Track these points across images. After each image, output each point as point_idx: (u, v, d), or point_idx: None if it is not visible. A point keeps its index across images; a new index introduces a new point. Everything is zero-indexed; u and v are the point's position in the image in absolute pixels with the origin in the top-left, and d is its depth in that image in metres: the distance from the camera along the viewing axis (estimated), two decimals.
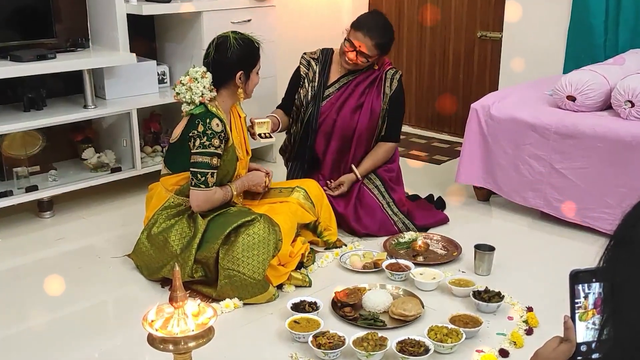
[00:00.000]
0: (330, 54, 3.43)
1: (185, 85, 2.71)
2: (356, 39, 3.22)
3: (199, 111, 2.71)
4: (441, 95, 5.11)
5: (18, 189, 3.40)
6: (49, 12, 3.56)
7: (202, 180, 2.69)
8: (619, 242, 1.09)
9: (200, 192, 2.70)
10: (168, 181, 2.81)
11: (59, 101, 3.72)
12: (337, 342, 2.27)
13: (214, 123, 2.68)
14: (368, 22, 3.26)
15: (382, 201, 3.32)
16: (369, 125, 3.32)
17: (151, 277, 2.82)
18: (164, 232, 2.72)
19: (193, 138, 2.68)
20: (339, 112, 3.32)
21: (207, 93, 2.71)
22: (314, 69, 3.40)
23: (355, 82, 3.34)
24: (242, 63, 2.79)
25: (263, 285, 2.60)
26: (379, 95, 3.33)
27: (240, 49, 2.77)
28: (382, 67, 3.36)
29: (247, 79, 2.82)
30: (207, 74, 2.74)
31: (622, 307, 1.06)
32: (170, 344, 1.73)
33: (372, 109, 3.32)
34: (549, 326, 2.33)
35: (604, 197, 3.17)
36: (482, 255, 2.86)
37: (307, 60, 3.43)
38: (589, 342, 1.29)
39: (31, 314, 2.62)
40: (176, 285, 1.75)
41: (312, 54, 3.44)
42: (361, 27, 3.23)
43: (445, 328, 2.34)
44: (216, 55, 2.78)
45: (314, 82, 3.37)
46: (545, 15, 4.30)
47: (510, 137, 3.45)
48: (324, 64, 3.40)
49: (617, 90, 3.20)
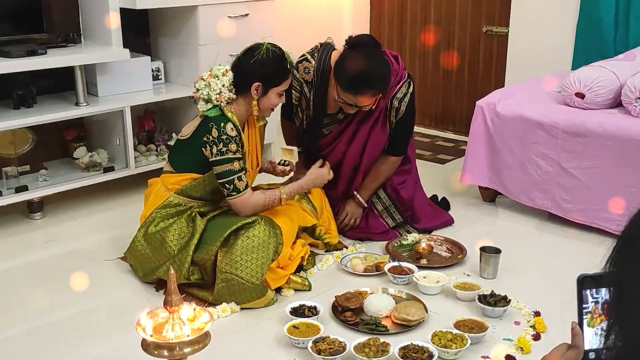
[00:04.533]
0: (327, 73, 3.00)
1: (205, 81, 2.66)
2: (347, 99, 2.87)
3: (213, 114, 2.64)
4: (445, 92, 5.09)
5: (7, 189, 3.38)
6: (40, 6, 3.54)
7: (232, 189, 2.64)
8: (626, 244, 1.04)
9: (236, 201, 2.67)
10: (169, 179, 2.76)
11: (50, 98, 3.69)
12: (337, 347, 2.26)
13: (228, 127, 2.61)
14: (354, 76, 2.81)
15: (392, 223, 3.25)
16: (375, 156, 3.15)
17: (146, 279, 2.79)
18: (161, 232, 2.68)
19: (208, 145, 2.61)
20: (342, 151, 3.11)
21: (225, 92, 2.65)
22: (306, 96, 3.05)
23: (359, 118, 3.05)
24: (263, 75, 2.69)
25: (261, 289, 2.58)
26: (384, 126, 3.07)
27: (268, 61, 2.69)
28: (388, 94, 3.02)
29: (264, 94, 2.72)
30: (229, 72, 2.69)
31: (629, 311, 1.01)
32: (164, 350, 1.72)
33: (378, 142, 3.09)
34: (557, 331, 2.32)
35: (614, 198, 3.14)
36: (487, 257, 2.84)
37: (298, 82, 3.04)
38: (598, 349, 1.26)
39: (20, 319, 2.59)
40: (171, 289, 1.73)
41: (305, 73, 3.02)
42: (349, 88, 2.84)
43: (449, 333, 2.32)
44: (243, 58, 2.73)
45: (309, 111, 3.08)
46: (553, 10, 4.29)
47: (516, 136, 3.43)
48: (319, 89, 3.02)
49: (627, 87, 3.20)
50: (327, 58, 3.02)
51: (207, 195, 2.74)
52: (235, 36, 3.82)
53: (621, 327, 1.03)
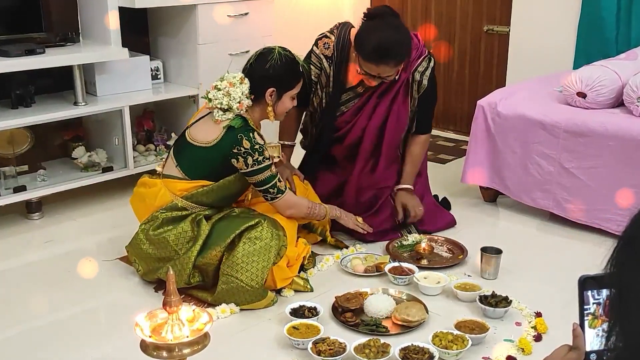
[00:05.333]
0: (347, 48, 2.99)
1: (222, 90, 2.62)
2: (370, 70, 2.86)
3: (239, 124, 2.62)
4: (446, 92, 5.08)
5: (5, 189, 3.37)
6: (38, 5, 3.52)
7: (276, 191, 2.70)
8: (627, 244, 1.06)
9: (281, 202, 2.73)
10: (177, 185, 2.69)
11: (48, 98, 3.68)
12: (337, 349, 2.24)
13: (256, 136, 2.63)
14: (375, 45, 2.80)
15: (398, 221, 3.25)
16: (397, 135, 3.11)
17: (146, 277, 2.77)
18: (164, 234, 2.63)
19: (241, 156, 2.60)
20: (362, 127, 3.08)
21: (245, 100, 2.64)
22: (326, 71, 3.02)
23: (379, 91, 3.03)
24: (278, 80, 2.70)
25: (261, 293, 2.58)
26: (405, 99, 3.05)
27: (282, 66, 2.69)
28: (409, 67, 3.03)
29: (278, 99, 2.73)
30: (246, 80, 2.67)
31: (630, 311, 1.03)
32: (163, 351, 1.72)
33: (399, 116, 3.07)
34: (559, 332, 2.31)
35: (616, 198, 3.13)
36: (488, 258, 2.83)
37: (318, 58, 3.03)
38: (599, 350, 1.26)
39: (18, 320, 2.57)
40: (170, 290, 1.72)
41: (325, 49, 3.02)
42: (370, 58, 2.83)
43: (450, 334, 2.32)
44: (255, 64, 2.72)
45: (328, 88, 3.04)
46: (554, 9, 4.29)
47: (518, 136, 3.42)
48: (339, 64, 3.00)
49: (629, 86, 3.18)
50: (347, 33, 3.03)
51: (216, 202, 2.72)
52: (234, 35, 3.81)
53: (622, 327, 1.04)
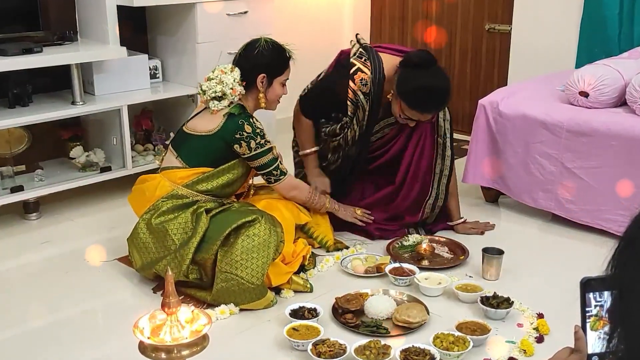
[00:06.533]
0: (382, 82, 3.00)
1: (215, 79, 2.74)
2: (413, 116, 2.96)
3: (238, 111, 2.75)
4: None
5: (3, 189, 3.37)
6: (36, 4, 3.53)
7: (279, 173, 2.83)
8: (628, 245, 1.06)
9: (283, 184, 2.86)
10: (177, 174, 2.76)
11: (46, 97, 3.68)
12: (337, 350, 2.24)
13: (256, 121, 2.76)
14: (426, 98, 2.93)
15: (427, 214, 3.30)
16: (427, 169, 3.21)
17: (143, 272, 2.75)
18: (165, 223, 2.66)
19: (244, 141, 2.71)
20: (394, 155, 3.18)
21: (237, 87, 2.75)
22: (364, 107, 3.02)
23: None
24: (267, 66, 2.82)
25: (261, 290, 2.58)
26: (432, 131, 3.17)
27: (269, 52, 2.82)
28: None
29: (269, 85, 2.85)
30: (236, 68, 2.80)
31: (631, 312, 1.02)
32: (162, 353, 1.73)
33: (423, 152, 3.17)
34: (561, 333, 2.32)
35: (618, 198, 3.13)
36: (490, 259, 2.83)
37: (354, 94, 2.99)
38: (601, 353, 1.25)
39: (15, 321, 2.56)
40: (169, 291, 1.73)
41: (363, 85, 2.98)
42: (418, 107, 2.93)
43: (451, 336, 2.32)
44: (244, 53, 2.85)
45: (364, 122, 3.07)
46: (556, 7, 4.30)
47: (519, 135, 3.42)
48: (375, 96, 3.02)
49: (632, 85, 3.18)
50: (380, 66, 3.01)
51: (215, 189, 2.76)
52: (234, 34, 3.79)
53: (623, 329, 1.04)
